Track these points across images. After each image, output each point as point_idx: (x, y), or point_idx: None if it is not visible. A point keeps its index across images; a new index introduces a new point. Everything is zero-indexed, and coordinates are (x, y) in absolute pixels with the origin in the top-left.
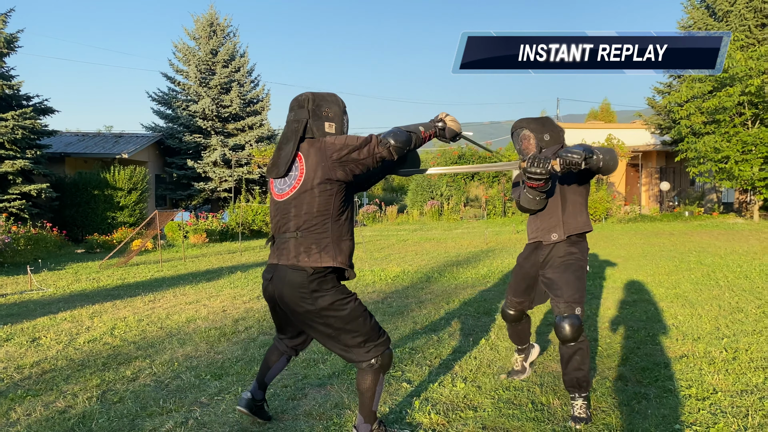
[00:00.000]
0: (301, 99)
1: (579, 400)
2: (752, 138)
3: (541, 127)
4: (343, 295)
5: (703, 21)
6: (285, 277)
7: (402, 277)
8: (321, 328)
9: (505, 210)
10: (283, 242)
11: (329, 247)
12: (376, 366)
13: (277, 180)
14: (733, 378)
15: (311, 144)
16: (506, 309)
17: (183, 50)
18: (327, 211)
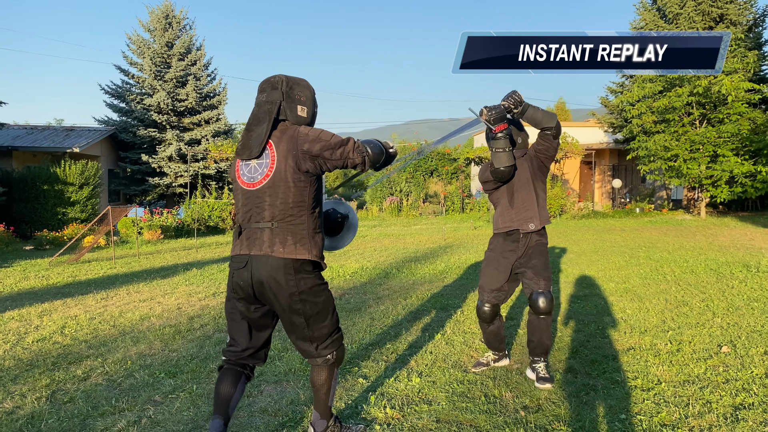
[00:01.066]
0: (275, 80)
1: (542, 364)
2: (699, 137)
3: (517, 131)
4: (321, 281)
5: (654, 23)
6: (267, 262)
7: (360, 273)
8: (295, 318)
9: (464, 206)
10: (255, 232)
11: (305, 239)
12: (331, 361)
13: (246, 167)
14: (676, 369)
15: (283, 132)
16: (482, 306)
17: (137, 42)
18: (303, 202)
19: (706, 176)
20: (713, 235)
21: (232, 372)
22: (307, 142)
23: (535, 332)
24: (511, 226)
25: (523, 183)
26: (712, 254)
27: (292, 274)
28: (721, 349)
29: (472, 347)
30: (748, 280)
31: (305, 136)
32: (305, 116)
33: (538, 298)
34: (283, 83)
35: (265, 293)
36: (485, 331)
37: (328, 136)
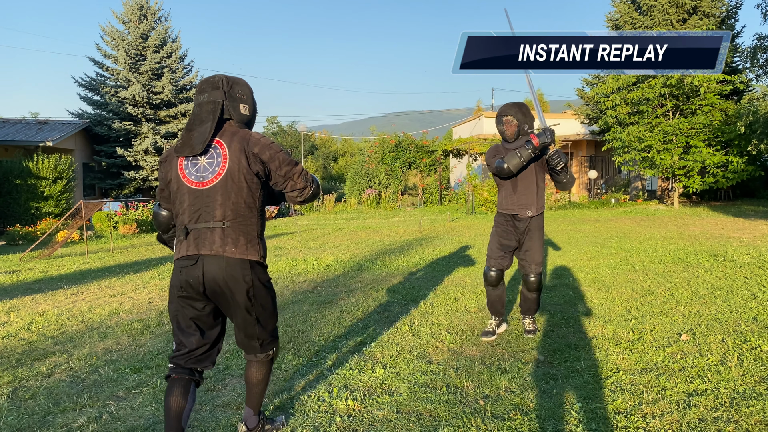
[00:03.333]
0: (215, 80)
1: (529, 320)
2: (672, 128)
3: (523, 118)
4: (269, 278)
5: (629, 15)
6: (220, 261)
7: (334, 266)
8: (247, 315)
9: (441, 198)
10: (205, 232)
11: (255, 241)
12: (272, 356)
13: (193, 167)
14: (635, 357)
15: (234, 133)
16: (488, 271)
17: (111, 34)
18: (254, 204)
19: (678, 167)
20: (684, 224)
21: (180, 382)
22: (258, 146)
23: (525, 301)
24: (512, 210)
25: (527, 173)
26: (681, 244)
27: (248, 270)
28: (680, 337)
29: (438, 338)
30: (713, 269)
31: (257, 141)
32: (248, 114)
33: (529, 279)
34: (224, 83)
35: (219, 291)
36: (490, 295)
37: (278, 149)
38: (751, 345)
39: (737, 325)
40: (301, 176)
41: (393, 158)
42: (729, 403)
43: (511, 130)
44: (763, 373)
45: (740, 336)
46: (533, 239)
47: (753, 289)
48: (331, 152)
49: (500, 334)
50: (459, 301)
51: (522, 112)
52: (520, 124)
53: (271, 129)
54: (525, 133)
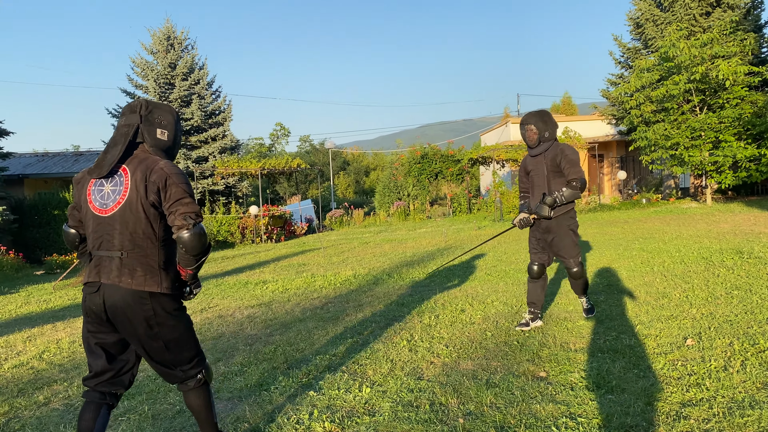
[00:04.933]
0: (134, 105)
1: (584, 298)
2: (700, 124)
3: (544, 126)
4: (178, 305)
5: (650, 12)
6: (117, 290)
7: (351, 280)
8: (153, 343)
9: (471, 207)
10: (105, 260)
11: (155, 272)
12: (204, 380)
13: (98, 192)
14: (634, 365)
15: (142, 160)
16: (531, 266)
17: (141, 65)
18: (153, 234)
19: (709, 163)
20: (715, 222)
21: (90, 405)
22: (156, 175)
23: (574, 286)
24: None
25: (540, 180)
26: (707, 242)
27: (147, 300)
28: (686, 342)
29: (435, 352)
30: (736, 268)
31: (159, 169)
32: (165, 139)
33: (571, 270)
34: (142, 107)
35: (119, 319)
36: (529, 287)
37: (178, 181)
38: (759, 348)
39: (749, 327)
40: (186, 215)
41: (419, 169)
42: (723, 414)
43: (533, 137)
44: (766, 378)
45: (749, 339)
46: (561, 237)
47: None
48: (362, 167)
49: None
50: (466, 312)
51: (543, 120)
52: (540, 131)
53: (304, 147)
54: (545, 140)
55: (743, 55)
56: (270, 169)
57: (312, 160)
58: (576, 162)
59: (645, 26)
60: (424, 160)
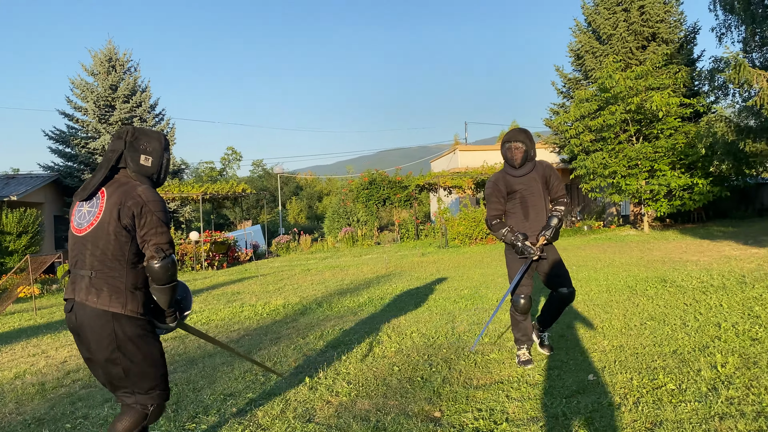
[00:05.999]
0: (121, 131)
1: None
2: (636, 153)
3: (530, 143)
4: (144, 331)
5: (589, 44)
6: (84, 309)
7: (279, 310)
8: (111, 367)
9: (418, 233)
10: (78, 278)
11: (121, 293)
12: (148, 412)
13: (78, 212)
14: (529, 405)
15: (122, 184)
16: (518, 299)
17: (81, 86)
18: (122, 256)
19: (645, 191)
20: (649, 249)
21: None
22: (133, 200)
23: (554, 313)
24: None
25: (536, 199)
26: (636, 270)
27: (111, 322)
28: (589, 378)
29: (334, 391)
30: (656, 297)
31: (137, 195)
32: (149, 165)
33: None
34: (128, 133)
35: (85, 337)
36: (521, 324)
37: (155, 209)
38: (657, 383)
39: (653, 360)
40: (159, 247)
41: (367, 195)
42: None
43: (519, 155)
44: (656, 417)
45: (651, 373)
46: (556, 260)
47: (687, 317)
48: (315, 192)
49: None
50: (381, 344)
51: (528, 138)
52: (528, 149)
53: (256, 172)
54: (531, 158)
55: (676, 87)
56: (213, 194)
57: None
58: (560, 178)
59: (585, 58)
60: (372, 186)
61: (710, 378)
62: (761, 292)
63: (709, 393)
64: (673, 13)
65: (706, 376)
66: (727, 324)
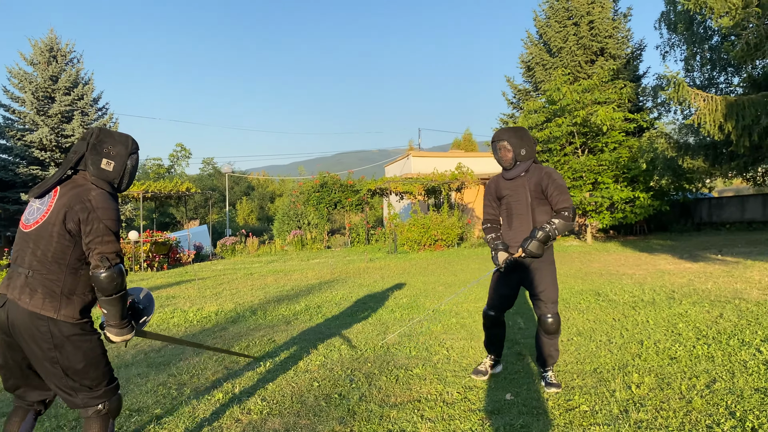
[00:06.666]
0: (87, 132)
1: (551, 372)
2: (581, 165)
3: (519, 142)
4: (81, 331)
5: (540, 56)
6: (18, 307)
7: (211, 317)
8: (49, 366)
9: (369, 237)
10: (15, 274)
11: (56, 297)
12: (103, 412)
13: (29, 208)
14: (442, 426)
15: (77, 186)
16: (487, 311)
17: (18, 76)
18: (63, 260)
19: (589, 203)
20: (589, 261)
21: (19, 409)
22: (81, 205)
23: (544, 348)
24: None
25: (522, 208)
26: (572, 282)
27: (45, 323)
28: (506, 397)
29: (246, 408)
30: (588, 311)
31: (85, 200)
32: (110, 170)
33: (547, 320)
34: (93, 135)
35: (18, 336)
36: (489, 334)
37: (103, 217)
38: (572, 404)
39: (572, 378)
40: (101, 255)
41: (318, 198)
42: None
43: (507, 156)
44: None
45: (568, 393)
46: (543, 276)
47: (614, 333)
48: (268, 193)
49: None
50: (308, 357)
51: (517, 136)
52: (515, 149)
53: (206, 170)
54: (522, 159)
55: (621, 102)
56: (155, 193)
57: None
58: (565, 188)
59: (535, 69)
60: (323, 189)
61: (623, 399)
62: (687, 308)
63: (620, 415)
64: (620, 29)
65: (619, 397)
66: (650, 341)
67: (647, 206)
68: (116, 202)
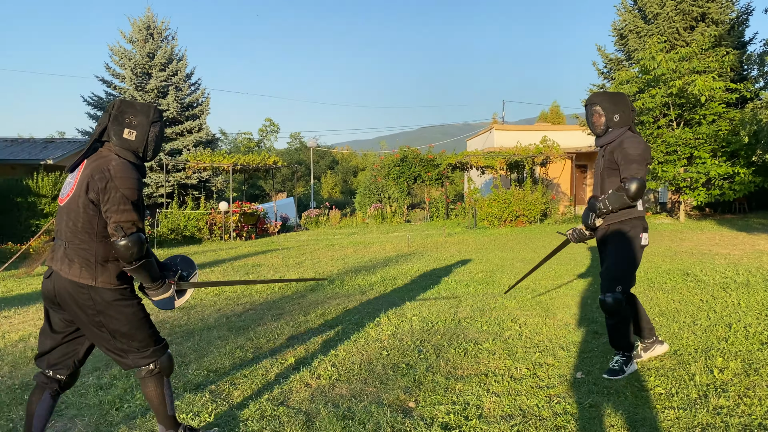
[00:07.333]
0: (109, 105)
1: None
2: (675, 139)
3: (613, 107)
4: (122, 297)
5: (634, 23)
6: (60, 277)
7: (291, 286)
8: (96, 330)
9: (448, 212)
10: (57, 247)
11: (91, 266)
12: (155, 371)
13: (66, 181)
14: (507, 401)
15: (100, 157)
16: None
17: (119, 53)
18: (91, 230)
19: (682, 179)
20: (680, 239)
21: (37, 388)
22: (100, 174)
23: (608, 329)
24: None
25: (596, 177)
26: (660, 261)
27: (85, 291)
28: (577, 375)
29: (316, 374)
30: (674, 291)
31: (106, 170)
32: (132, 139)
33: (601, 299)
34: (115, 107)
35: (65, 304)
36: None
37: (120, 185)
38: (648, 386)
39: (649, 360)
40: (116, 224)
41: (398, 172)
42: None
43: (599, 121)
44: (633, 423)
45: (644, 374)
46: (611, 251)
47: (699, 315)
48: (351, 167)
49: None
50: (379, 326)
51: (612, 101)
52: (608, 114)
53: (293, 144)
54: (615, 125)
55: (722, 70)
56: (244, 166)
57: (301, 157)
58: (635, 158)
59: (628, 37)
60: (403, 163)
61: (703, 383)
62: None
63: (698, 400)
64: None
65: (699, 381)
66: (739, 325)
67: (748, 183)
68: (137, 172)
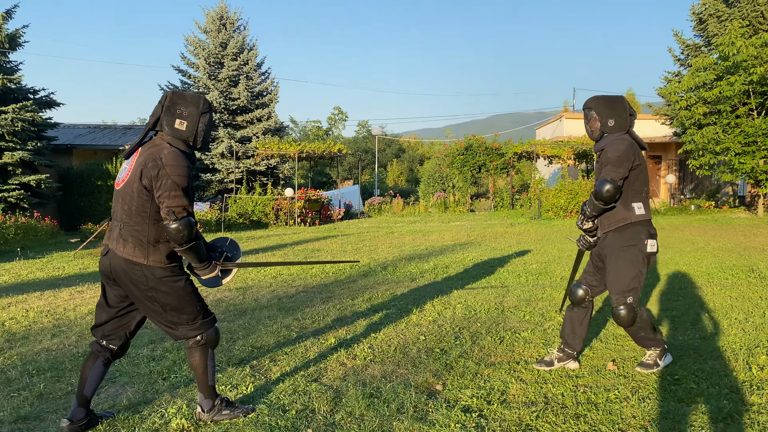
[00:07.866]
0: (162, 97)
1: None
2: (755, 129)
3: (608, 111)
4: (171, 273)
5: (714, 6)
6: (116, 255)
7: (344, 270)
8: (149, 304)
9: (513, 202)
10: (113, 227)
11: (143, 245)
12: (202, 342)
13: (122, 166)
14: (533, 389)
15: (153, 146)
16: (575, 288)
17: (194, 43)
18: (144, 212)
19: (761, 171)
20: (753, 235)
21: (92, 354)
22: (153, 162)
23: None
24: None
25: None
26: (726, 256)
27: (139, 268)
28: (607, 366)
29: (353, 354)
30: (733, 287)
31: (157, 158)
32: (183, 129)
33: (613, 311)
34: (167, 98)
35: (120, 280)
36: (567, 314)
37: (171, 173)
38: (677, 380)
39: (686, 355)
40: (171, 209)
41: (462, 161)
42: None
43: (594, 126)
44: (655, 413)
45: (678, 369)
46: (612, 261)
47: (754, 312)
48: (417, 155)
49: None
50: (422, 312)
51: (607, 105)
52: (602, 118)
53: (361, 133)
54: (610, 130)
55: None
56: (309, 153)
57: (368, 146)
58: (611, 160)
59: (708, 22)
60: (467, 152)
61: (739, 380)
62: None
63: (729, 395)
64: None
65: (736, 378)
66: None
67: None
68: (187, 160)
